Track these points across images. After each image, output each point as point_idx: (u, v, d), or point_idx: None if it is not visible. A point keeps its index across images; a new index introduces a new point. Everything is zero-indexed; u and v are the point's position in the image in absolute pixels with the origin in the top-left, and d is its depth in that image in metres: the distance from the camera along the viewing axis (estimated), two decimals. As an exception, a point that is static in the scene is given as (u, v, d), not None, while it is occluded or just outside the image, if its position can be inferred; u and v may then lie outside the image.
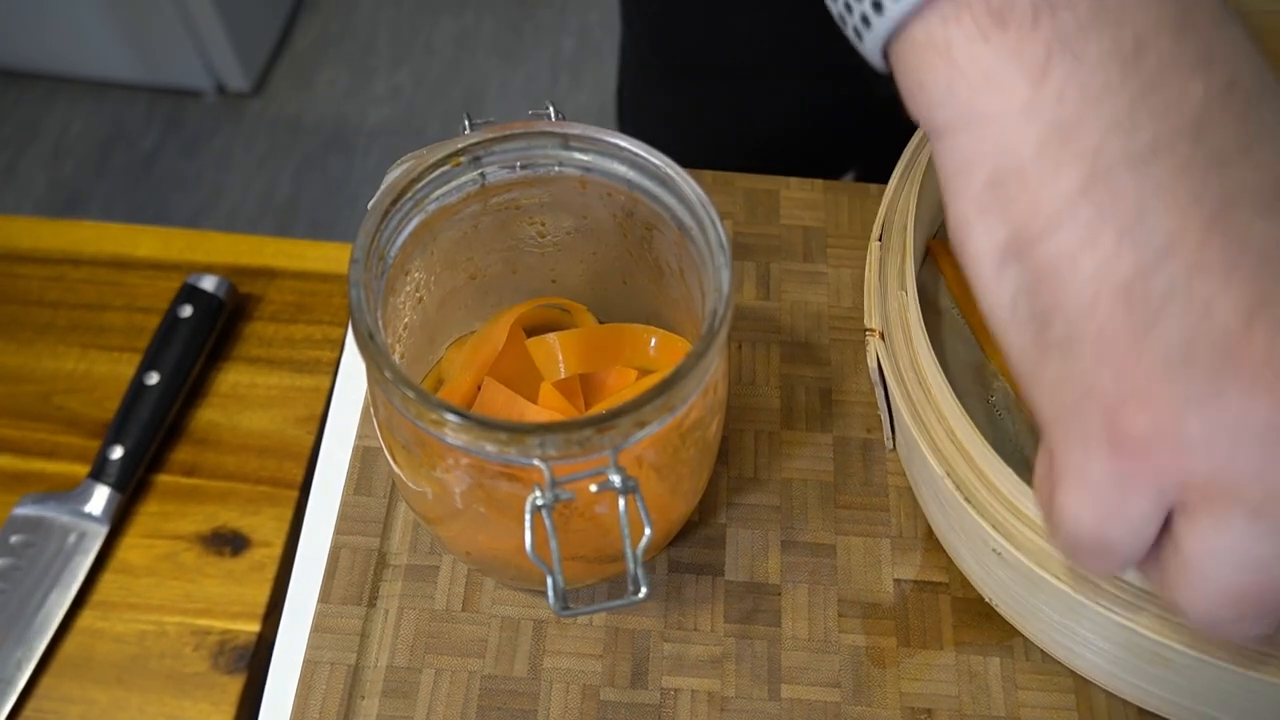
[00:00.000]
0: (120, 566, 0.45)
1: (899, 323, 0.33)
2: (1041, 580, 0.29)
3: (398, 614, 0.35)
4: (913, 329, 0.32)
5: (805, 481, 0.38)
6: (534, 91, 1.51)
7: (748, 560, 0.37)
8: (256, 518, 0.46)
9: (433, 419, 0.25)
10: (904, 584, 0.36)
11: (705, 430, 0.30)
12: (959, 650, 0.35)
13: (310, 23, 1.57)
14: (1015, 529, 0.29)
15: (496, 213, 0.32)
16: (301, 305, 0.52)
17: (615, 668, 0.35)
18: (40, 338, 0.51)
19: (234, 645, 0.43)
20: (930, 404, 0.31)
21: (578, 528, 0.29)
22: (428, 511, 0.31)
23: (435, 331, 0.35)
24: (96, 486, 0.45)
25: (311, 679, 0.34)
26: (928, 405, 0.31)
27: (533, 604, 0.36)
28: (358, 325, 0.26)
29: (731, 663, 0.35)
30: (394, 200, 0.28)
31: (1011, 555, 0.29)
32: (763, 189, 0.45)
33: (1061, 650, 0.33)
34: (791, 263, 0.44)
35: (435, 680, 0.34)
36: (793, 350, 0.41)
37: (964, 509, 0.30)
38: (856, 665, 0.35)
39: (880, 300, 0.34)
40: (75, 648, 0.43)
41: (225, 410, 0.49)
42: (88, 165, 1.42)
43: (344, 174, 1.42)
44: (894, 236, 0.35)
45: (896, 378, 0.32)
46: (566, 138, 0.29)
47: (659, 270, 0.33)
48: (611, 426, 0.24)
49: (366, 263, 0.26)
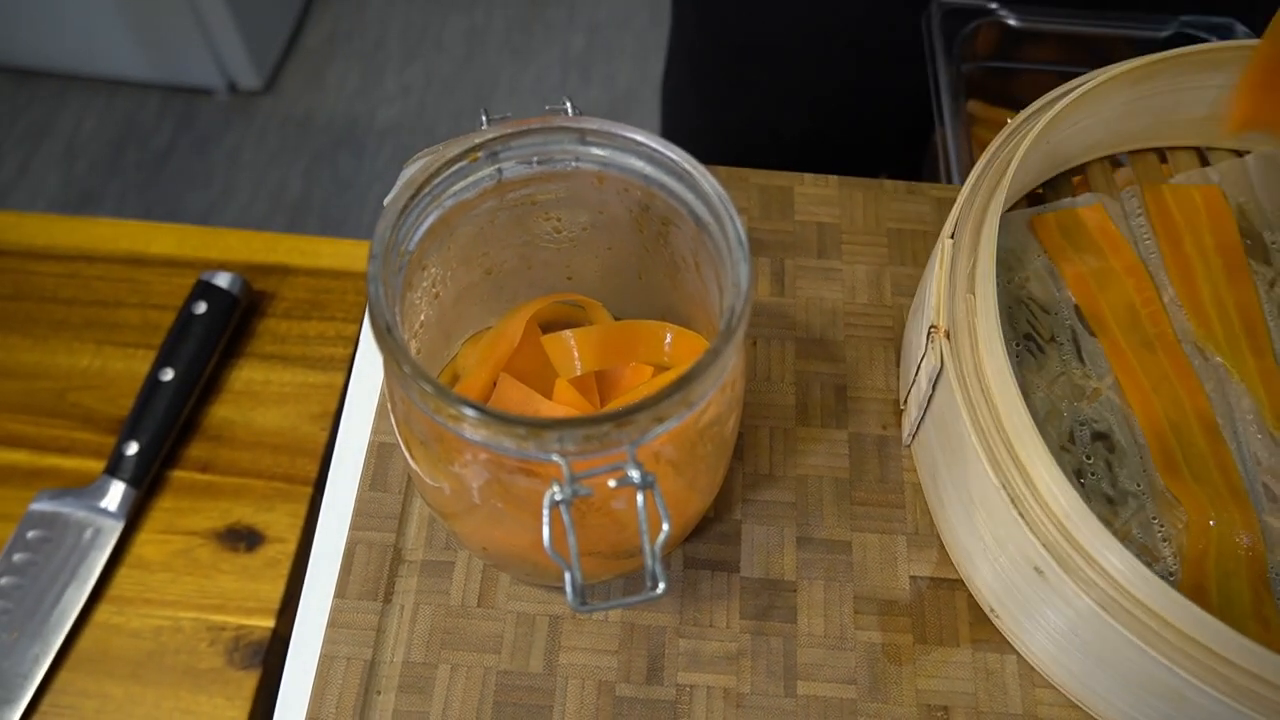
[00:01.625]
0: (136, 562, 0.45)
1: (965, 325, 0.32)
2: (1088, 610, 0.29)
3: (413, 609, 0.35)
4: (980, 334, 0.32)
5: (820, 478, 0.38)
6: (544, 89, 1.51)
7: (763, 556, 0.37)
8: (271, 514, 0.46)
9: (451, 414, 0.25)
10: (920, 581, 0.36)
11: (723, 426, 0.30)
12: (975, 647, 0.35)
13: (321, 21, 1.58)
14: (1063, 551, 0.29)
15: (513, 208, 0.32)
16: (315, 302, 0.52)
17: (631, 664, 0.35)
18: (55, 334, 0.51)
19: (249, 641, 0.43)
20: (991, 412, 0.31)
21: (594, 523, 0.29)
22: (444, 507, 0.31)
23: (451, 327, 0.35)
24: (112, 482, 0.45)
25: (328, 674, 0.34)
26: (988, 413, 0.31)
27: (548, 600, 0.36)
28: (376, 320, 0.26)
29: (747, 659, 0.35)
30: (413, 195, 0.27)
31: (1055, 575, 0.29)
32: (777, 185, 0.45)
33: (1060, 671, 0.33)
34: (806, 259, 0.43)
35: (451, 676, 0.34)
36: (808, 346, 0.41)
37: (1015, 523, 0.30)
38: (873, 662, 0.35)
39: (949, 299, 0.33)
40: (91, 643, 0.43)
41: (240, 407, 0.49)
42: (100, 163, 1.42)
43: (354, 171, 1.42)
44: (967, 236, 0.34)
45: (960, 381, 0.32)
46: (583, 132, 0.29)
47: (674, 265, 0.33)
48: (630, 422, 0.24)
49: (385, 258, 0.26)
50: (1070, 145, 0.40)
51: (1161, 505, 0.35)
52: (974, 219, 0.34)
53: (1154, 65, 0.37)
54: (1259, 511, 0.35)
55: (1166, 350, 0.38)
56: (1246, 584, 0.33)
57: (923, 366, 0.34)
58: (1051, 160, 0.41)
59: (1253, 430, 0.36)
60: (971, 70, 0.56)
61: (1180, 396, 0.37)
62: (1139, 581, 0.28)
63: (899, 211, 0.45)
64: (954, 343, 0.32)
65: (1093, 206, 0.41)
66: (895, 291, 0.43)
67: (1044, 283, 0.39)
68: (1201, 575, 0.33)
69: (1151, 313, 0.39)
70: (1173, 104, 0.40)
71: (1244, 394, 0.37)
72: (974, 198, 0.35)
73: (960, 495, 0.33)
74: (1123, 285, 0.39)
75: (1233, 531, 0.34)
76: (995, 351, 0.31)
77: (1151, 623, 0.28)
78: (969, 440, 0.31)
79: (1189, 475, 0.35)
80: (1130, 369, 0.37)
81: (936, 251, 0.35)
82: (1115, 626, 0.28)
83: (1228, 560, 0.34)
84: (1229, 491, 0.35)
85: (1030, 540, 0.29)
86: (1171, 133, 0.42)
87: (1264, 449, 0.36)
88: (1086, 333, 0.38)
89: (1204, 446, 0.36)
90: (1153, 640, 0.28)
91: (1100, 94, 0.37)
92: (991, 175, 0.35)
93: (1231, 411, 0.37)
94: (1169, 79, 0.39)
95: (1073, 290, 0.39)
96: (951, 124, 0.52)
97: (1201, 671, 0.27)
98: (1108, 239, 0.40)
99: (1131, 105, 0.39)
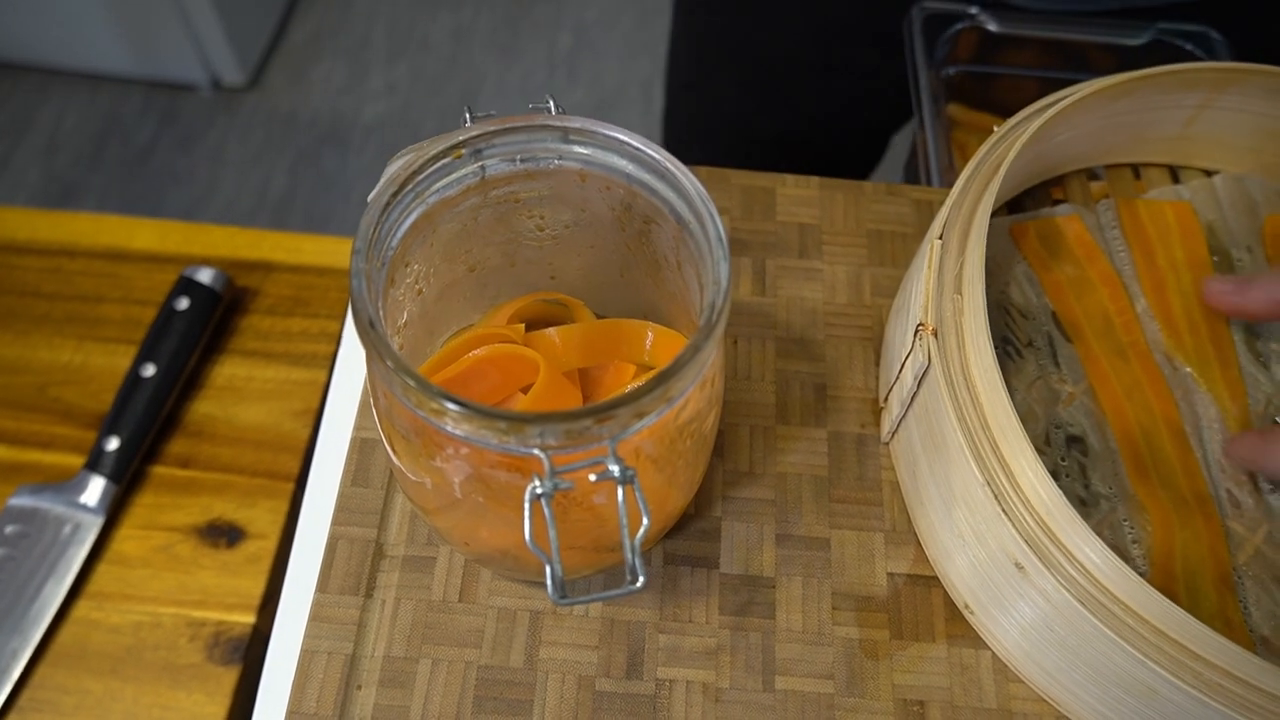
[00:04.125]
0: (116, 558, 0.45)
1: (952, 325, 0.33)
2: (1066, 604, 0.29)
3: (395, 604, 0.35)
4: (967, 333, 0.32)
5: (800, 476, 0.39)
6: (530, 88, 1.51)
7: (743, 553, 0.37)
8: (252, 510, 0.46)
9: (433, 408, 0.25)
10: (897, 577, 0.37)
11: (702, 423, 0.30)
12: (950, 643, 0.35)
13: (306, 17, 1.57)
14: (1044, 546, 0.30)
15: (496, 205, 0.32)
16: (298, 299, 0.52)
17: (611, 658, 0.35)
18: (36, 329, 0.51)
19: (229, 637, 0.43)
20: (976, 409, 0.31)
21: (575, 518, 0.30)
22: (426, 502, 0.31)
23: (434, 324, 0.35)
24: (92, 478, 0.45)
25: (309, 668, 0.34)
26: (973, 410, 0.31)
27: (529, 595, 0.36)
28: (359, 314, 0.26)
29: (726, 654, 0.35)
30: (396, 191, 0.28)
31: (1035, 569, 0.30)
32: (759, 186, 0.46)
33: (1032, 668, 0.34)
34: (787, 259, 0.44)
35: (432, 670, 0.34)
36: (788, 346, 0.42)
37: (998, 518, 0.30)
38: (850, 657, 0.35)
39: (937, 299, 0.34)
40: (70, 638, 0.43)
41: (221, 403, 0.49)
42: (82, 158, 1.42)
43: (339, 169, 1.42)
44: (955, 237, 0.35)
45: (946, 377, 0.32)
46: (567, 131, 0.29)
47: (656, 264, 0.33)
48: (610, 417, 0.25)
49: (368, 253, 0.27)
50: (1052, 155, 0.41)
51: (1132, 508, 0.35)
52: (962, 221, 0.35)
53: (1133, 82, 0.38)
54: (1222, 516, 0.36)
55: (1139, 358, 0.38)
56: (1211, 585, 0.34)
57: (908, 364, 0.35)
58: (1033, 169, 0.41)
59: (1218, 438, 0.37)
60: (951, 74, 0.56)
61: (1151, 403, 0.37)
62: (1117, 577, 0.28)
63: (879, 213, 0.45)
64: (941, 341, 0.33)
65: (1070, 217, 0.41)
66: (875, 292, 0.43)
67: (1023, 289, 0.40)
68: (1169, 577, 0.34)
69: (1125, 322, 0.39)
70: (1149, 121, 0.41)
71: (1210, 403, 0.38)
72: (962, 200, 0.35)
73: (941, 491, 0.34)
74: (1098, 294, 0.40)
75: (1196, 535, 0.35)
76: (982, 350, 0.31)
77: (1128, 619, 0.28)
78: (953, 436, 0.32)
79: (1157, 480, 0.36)
80: (1104, 376, 0.38)
81: (923, 252, 0.36)
82: (1092, 620, 0.28)
83: (1193, 562, 0.34)
84: (1194, 497, 0.36)
85: (1012, 535, 0.30)
86: (1145, 149, 0.43)
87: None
88: (1063, 339, 0.39)
89: (1171, 452, 0.37)
90: (1128, 635, 0.28)
91: (1084, 106, 0.37)
92: (980, 179, 0.36)
93: (1199, 419, 0.38)
94: (1145, 96, 0.39)
95: (1050, 297, 0.40)
96: (932, 127, 0.52)
97: (1174, 667, 0.28)
98: (1084, 249, 0.41)
99: (1111, 120, 0.40)
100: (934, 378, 0.33)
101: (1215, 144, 0.42)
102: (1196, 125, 0.41)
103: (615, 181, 0.30)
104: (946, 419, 0.32)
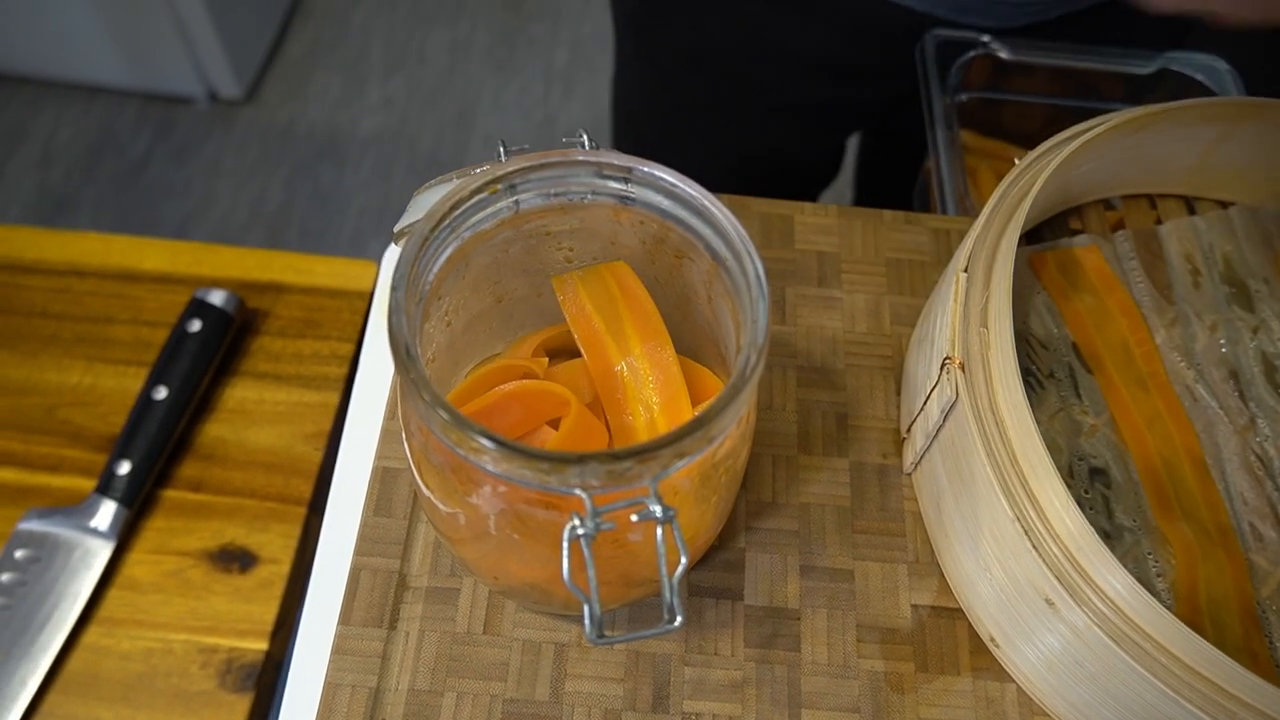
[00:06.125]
0: (126, 583, 0.44)
1: (979, 359, 0.33)
2: (1096, 640, 0.29)
3: (419, 636, 0.35)
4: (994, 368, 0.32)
5: (823, 506, 0.39)
6: (527, 103, 1.51)
7: (767, 585, 0.37)
8: (264, 534, 0.46)
9: (471, 445, 0.25)
10: (921, 609, 0.37)
11: (736, 459, 0.30)
12: (975, 676, 0.35)
13: (303, 30, 1.57)
14: (1073, 581, 0.30)
15: (526, 238, 0.32)
16: (310, 320, 0.52)
17: (637, 692, 0.35)
18: (45, 350, 0.50)
19: (241, 663, 0.43)
20: (1005, 444, 0.31)
21: (608, 554, 0.29)
22: (456, 535, 0.31)
23: (460, 355, 0.35)
24: (103, 501, 0.45)
25: (332, 701, 0.34)
26: (1002, 445, 0.31)
27: (554, 627, 0.36)
28: (397, 349, 0.26)
29: (752, 687, 0.35)
30: (433, 227, 0.28)
31: (1065, 604, 0.30)
32: (778, 214, 0.46)
33: (1059, 702, 0.34)
34: (806, 287, 0.44)
35: (457, 703, 0.34)
36: (809, 375, 0.42)
37: (1028, 554, 0.30)
38: (875, 690, 0.35)
39: (964, 332, 0.34)
40: (81, 665, 0.42)
41: (233, 426, 0.49)
42: (77, 171, 1.41)
43: (335, 183, 1.42)
44: (980, 270, 0.35)
45: (975, 412, 0.32)
46: (602, 166, 0.29)
47: (686, 297, 0.33)
48: (652, 457, 0.25)
49: (408, 289, 0.26)
50: (1072, 186, 0.41)
51: (1156, 541, 0.35)
52: (986, 254, 0.35)
53: (1153, 116, 0.38)
54: (1245, 550, 0.36)
55: (1159, 390, 0.39)
56: (1236, 619, 0.34)
57: (934, 397, 0.35)
58: (1053, 200, 0.42)
59: (1240, 470, 0.37)
60: (963, 100, 0.57)
61: (1172, 435, 0.38)
62: (1145, 611, 0.28)
63: (897, 241, 0.45)
64: (968, 375, 0.33)
65: (1089, 247, 0.42)
66: (894, 320, 0.43)
67: (1043, 319, 0.40)
68: (1194, 610, 0.34)
69: (1145, 353, 0.39)
70: (1166, 153, 0.41)
71: (1231, 435, 0.38)
72: (986, 233, 0.36)
73: (967, 524, 0.34)
74: (1118, 325, 0.40)
75: (1220, 569, 0.35)
76: (1011, 385, 0.31)
77: (1159, 655, 0.28)
78: (982, 471, 0.32)
79: (1180, 512, 0.36)
80: (1125, 407, 0.38)
81: (946, 283, 0.36)
82: (1123, 656, 0.28)
83: (1217, 596, 0.34)
84: (1217, 529, 0.36)
85: (1040, 569, 0.30)
86: (1162, 180, 0.43)
87: (1250, 489, 0.37)
88: (1084, 370, 0.39)
89: (1194, 484, 0.37)
90: (1159, 671, 0.28)
91: (1106, 139, 0.38)
92: (1003, 212, 0.36)
93: (1220, 451, 0.38)
94: (1164, 129, 0.40)
95: (1070, 328, 0.40)
96: (945, 153, 0.53)
97: (1204, 703, 0.28)
98: (1103, 280, 0.41)
99: (1129, 151, 0.40)
100: (961, 411, 0.33)
101: (1231, 175, 0.43)
102: (1213, 157, 0.42)
103: (650, 216, 0.30)
104: (975, 453, 0.32)
